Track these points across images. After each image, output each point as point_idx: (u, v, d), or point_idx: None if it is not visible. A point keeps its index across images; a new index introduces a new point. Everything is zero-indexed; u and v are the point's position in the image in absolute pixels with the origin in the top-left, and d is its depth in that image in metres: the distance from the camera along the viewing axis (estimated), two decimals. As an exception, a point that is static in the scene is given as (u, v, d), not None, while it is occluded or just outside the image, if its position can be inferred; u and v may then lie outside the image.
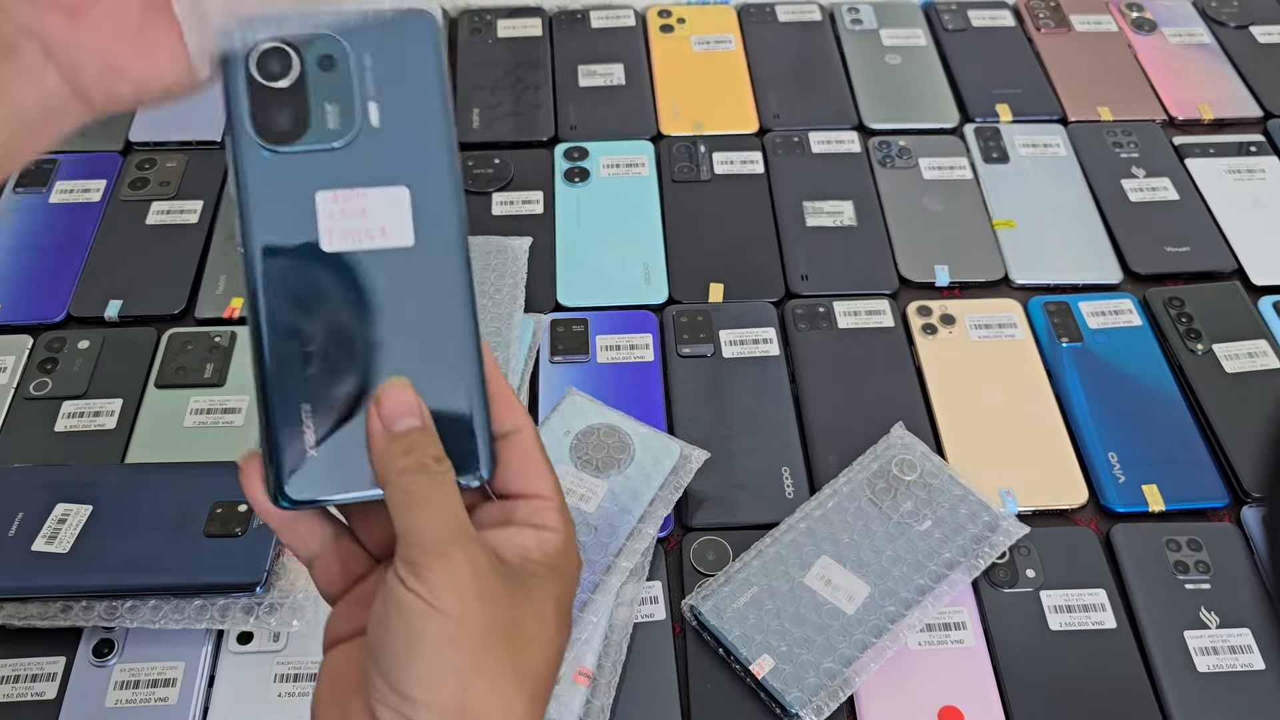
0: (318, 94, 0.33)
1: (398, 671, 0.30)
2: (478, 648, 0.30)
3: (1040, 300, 0.69)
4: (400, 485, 0.31)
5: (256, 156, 0.33)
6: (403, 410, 0.32)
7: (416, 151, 0.34)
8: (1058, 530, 0.58)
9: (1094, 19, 0.88)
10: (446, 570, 0.30)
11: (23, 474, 0.57)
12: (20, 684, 0.52)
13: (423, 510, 0.31)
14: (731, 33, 0.87)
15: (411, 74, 0.34)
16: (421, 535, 0.30)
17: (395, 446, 0.31)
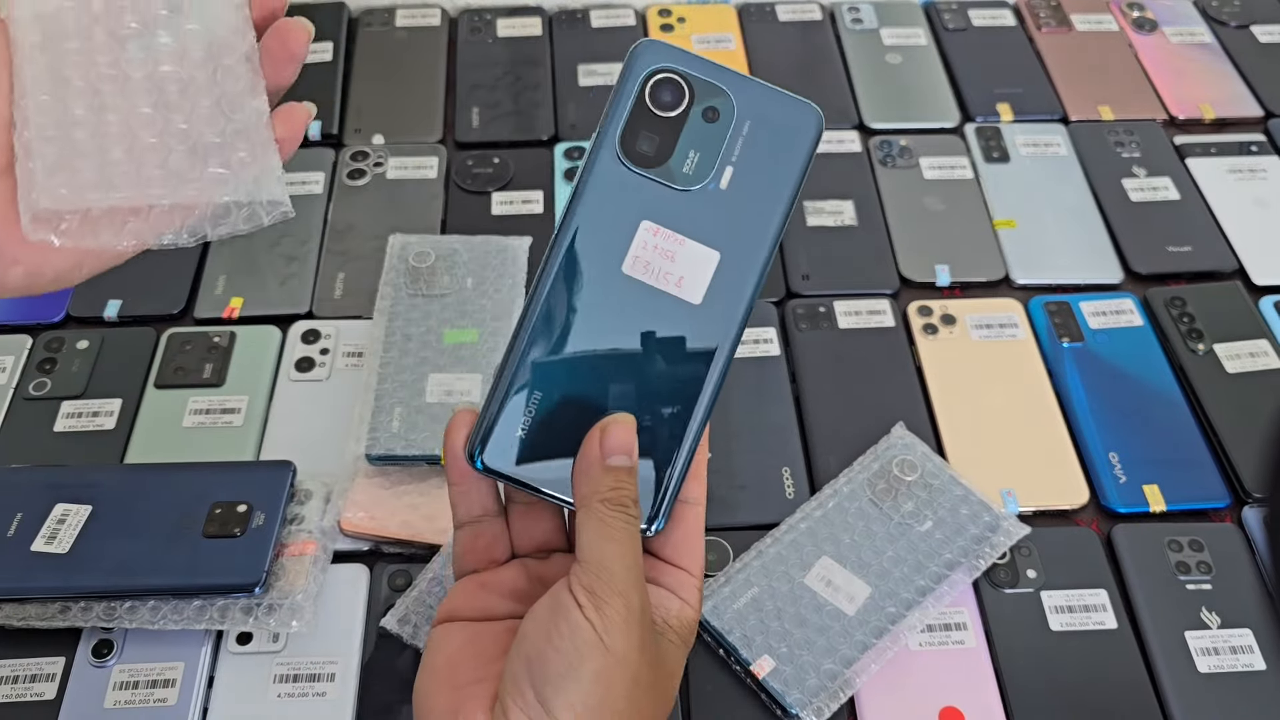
0: (689, 137, 0.35)
1: (551, 688, 0.31)
2: (626, 691, 0.32)
3: (1041, 300, 0.69)
4: (600, 515, 0.33)
5: (611, 161, 0.35)
6: (622, 448, 0.34)
7: (745, 227, 0.35)
8: (1059, 530, 0.58)
9: (1095, 18, 0.88)
10: (623, 611, 0.32)
11: (22, 474, 0.57)
12: (19, 684, 0.52)
13: (617, 550, 0.32)
14: (731, 32, 0.86)
15: (777, 157, 0.36)
16: (611, 572, 0.32)
17: (607, 478, 0.33)
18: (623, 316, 0.35)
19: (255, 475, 0.56)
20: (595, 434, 0.34)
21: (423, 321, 0.63)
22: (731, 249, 0.35)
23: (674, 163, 0.35)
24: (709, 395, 0.35)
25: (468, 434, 0.35)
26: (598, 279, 0.35)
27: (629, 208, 0.35)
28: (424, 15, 0.87)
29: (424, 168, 0.76)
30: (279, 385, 0.64)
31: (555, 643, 0.32)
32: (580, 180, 0.35)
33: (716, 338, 0.35)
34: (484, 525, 0.37)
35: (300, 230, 0.72)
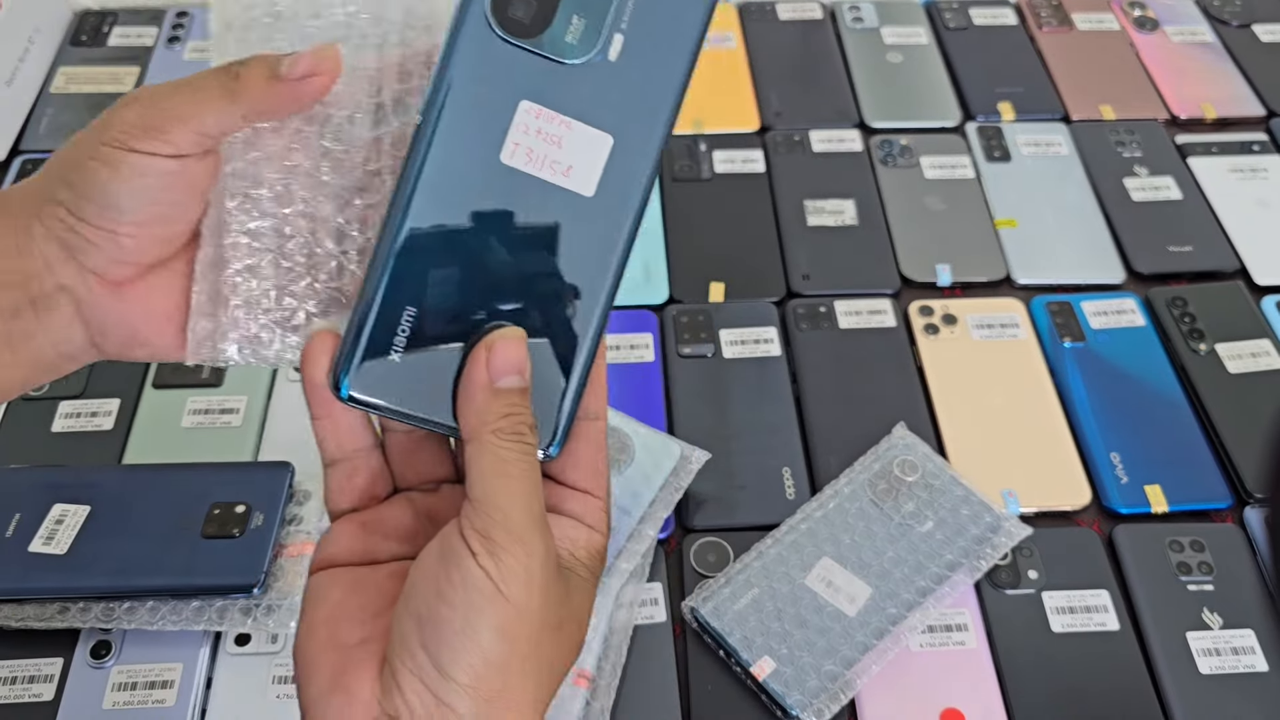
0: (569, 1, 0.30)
1: (447, 650, 0.29)
2: (531, 643, 0.29)
3: (1042, 300, 0.68)
4: (494, 449, 0.29)
5: (481, 33, 0.30)
6: (512, 366, 0.30)
7: (640, 105, 0.31)
8: (1060, 531, 0.58)
9: (1096, 17, 0.88)
10: (523, 558, 0.29)
11: (20, 474, 0.57)
12: (18, 685, 0.52)
13: (515, 487, 0.29)
14: (732, 30, 0.86)
15: (670, 21, 0.31)
16: (508, 516, 0.29)
17: (497, 403, 0.30)
18: (504, 213, 0.30)
19: (254, 476, 0.56)
20: (480, 353, 0.30)
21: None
22: (625, 132, 0.31)
23: (555, 31, 0.30)
24: (605, 298, 0.31)
25: (330, 360, 0.30)
26: (473, 171, 0.30)
27: (504, 85, 0.30)
28: (424, 14, 0.86)
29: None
30: (278, 385, 0.64)
31: (448, 597, 0.28)
32: (445, 52, 0.30)
33: (612, 234, 0.31)
34: (359, 460, 0.33)
35: (299, 230, 0.71)
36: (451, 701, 0.29)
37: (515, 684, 0.29)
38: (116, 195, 0.32)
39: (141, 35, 0.84)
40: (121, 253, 0.33)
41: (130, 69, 0.82)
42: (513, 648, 0.29)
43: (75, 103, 0.80)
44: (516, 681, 0.29)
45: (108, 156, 0.32)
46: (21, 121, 0.78)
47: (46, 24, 0.83)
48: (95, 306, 0.34)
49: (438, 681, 0.29)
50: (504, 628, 0.29)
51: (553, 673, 0.31)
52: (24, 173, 0.75)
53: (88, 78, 0.81)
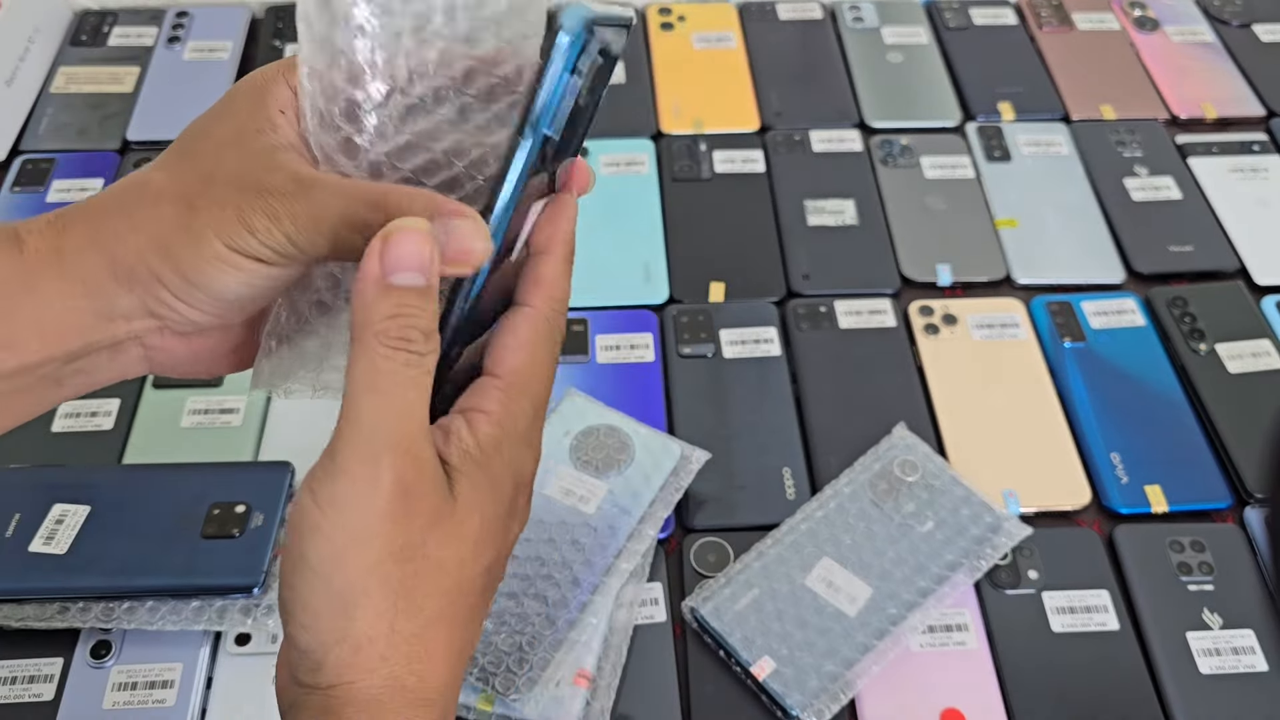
0: None
1: (286, 588, 0.27)
2: (365, 572, 0.27)
3: (1043, 300, 0.68)
4: (370, 356, 0.27)
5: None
6: (411, 262, 0.27)
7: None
8: (1060, 531, 0.58)
9: (1096, 17, 0.88)
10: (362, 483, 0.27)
11: (20, 475, 0.57)
12: (18, 685, 0.52)
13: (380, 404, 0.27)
14: (732, 30, 0.86)
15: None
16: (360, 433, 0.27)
17: (385, 302, 0.27)
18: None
19: (254, 476, 0.56)
20: (375, 244, 0.26)
21: (422, 321, 0.63)
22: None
23: None
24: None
25: None
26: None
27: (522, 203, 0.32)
28: (424, 14, 0.86)
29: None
30: (278, 385, 0.64)
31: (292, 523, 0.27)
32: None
33: None
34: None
35: (299, 229, 0.71)
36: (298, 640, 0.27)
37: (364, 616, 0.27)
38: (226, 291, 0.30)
39: (141, 35, 0.84)
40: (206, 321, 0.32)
41: (130, 69, 0.82)
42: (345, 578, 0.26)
43: (75, 103, 0.80)
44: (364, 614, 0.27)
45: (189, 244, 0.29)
46: (21, 121, 0.78)
47: (46, 24, 0.83)
48: (163, 351, 0.33)
49: (287, 620, 0.27)
50: (330, 558, 0.26)
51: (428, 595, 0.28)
52: (24, 172, 0.74)
53: (88, 77, 0.81)
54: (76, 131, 0.78)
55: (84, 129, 0.78)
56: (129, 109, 0.79)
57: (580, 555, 0.53)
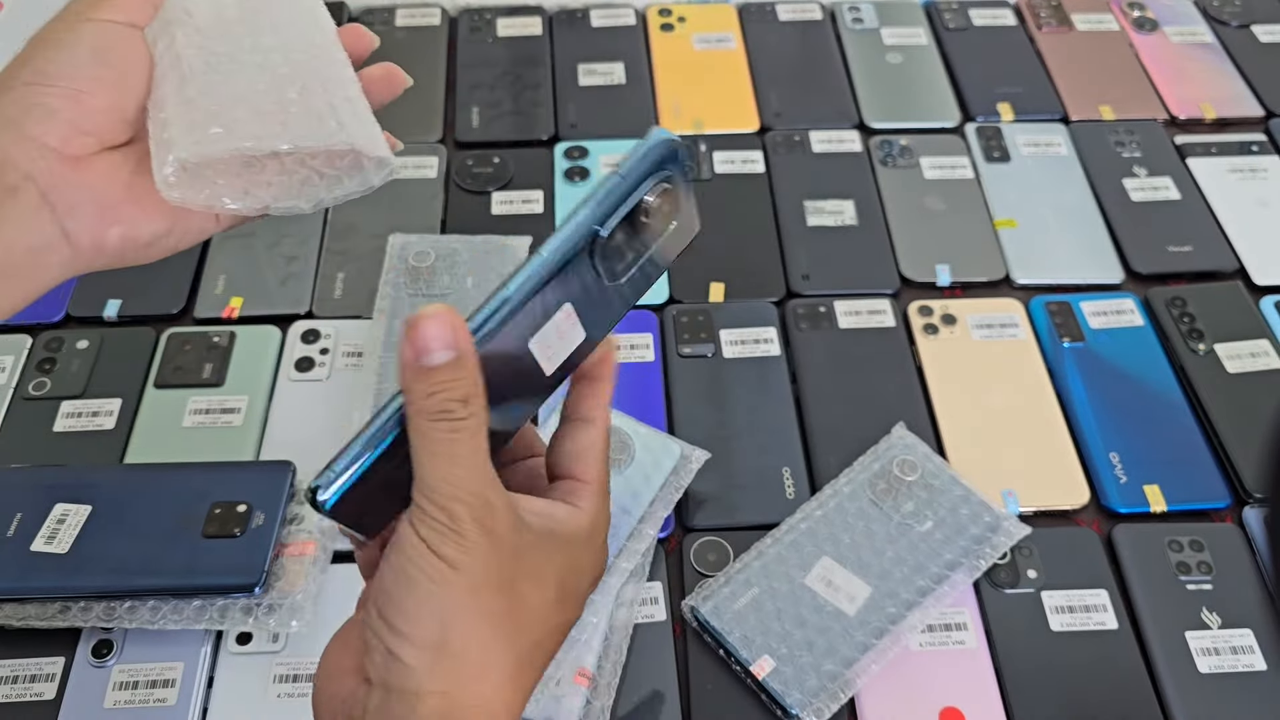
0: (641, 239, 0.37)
1: (389, 604, 0.30)
2: (466, 594, 0.30)
3: (1042, 300, 0.69)
4: (420, 430, 0.30)
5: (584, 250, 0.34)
6: (437, 343, 0.30)
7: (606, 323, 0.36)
8: (1059, 531, 0.58)
9: (1095, 18, 0.88)
10: (450, 521, 0.30)
11: (21, 474, 0.57)
12: (19, 684, 0.52)
13: (437, 461, 0.30)
14: (732, 31, 0.86)
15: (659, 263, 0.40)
16: (431, 486, 0.30)
17: (421, 383, 0.30)
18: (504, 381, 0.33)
19: (255, 475, 0.56)
20: (406, 334, 0.30)
21: (423, 321, 0.63)
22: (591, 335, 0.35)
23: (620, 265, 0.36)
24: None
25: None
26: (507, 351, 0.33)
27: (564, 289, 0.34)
28: (424, 15, 0.87)
29: (424, 167, 0.76)
30: (279, 385, 0.64)
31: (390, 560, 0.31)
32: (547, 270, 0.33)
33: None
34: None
35: (300, 230, 0.72)
36: (397, 650, 0.30)
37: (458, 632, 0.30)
38: (78, 51, 0.36)
39: (142, 36, 0.84)
40: (84, 118, 0.35)
41: (131, 69, 0.82)
42: (447, 596, 0.30)
43: (76, 103, 0.80)
44: (460, 630, 0.30)
45: (67, 26, 0.36)
46: (22, 122, 0.78)
47: (47, 24, 0.83)
48: (59, 182, 0.35)
49: (386, 633, 0.31)
50: (435, 578, 0.30)
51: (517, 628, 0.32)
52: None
53: (89, 78, 0.81)
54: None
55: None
56: (130, 109, 0.79)
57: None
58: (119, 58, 0.36)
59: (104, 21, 0.36)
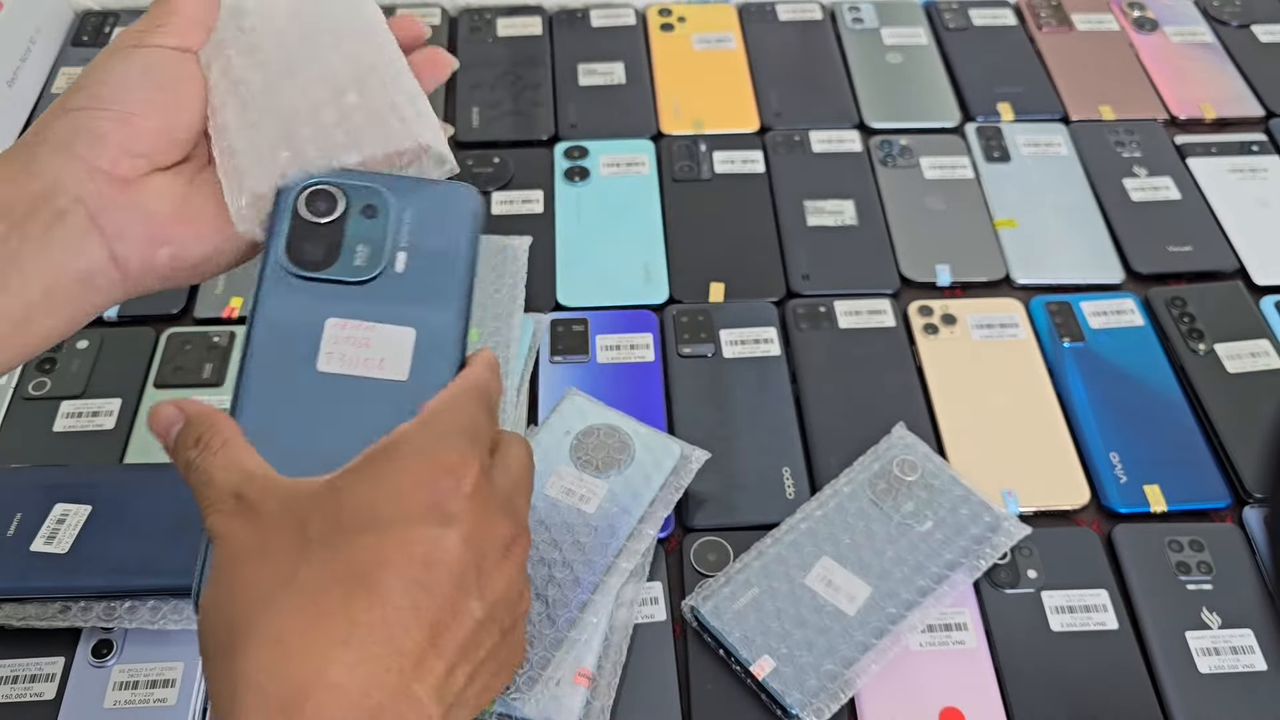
0: (353, 234, 0.37)
1: None
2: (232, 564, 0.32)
3: (1042, 300, 0.69)
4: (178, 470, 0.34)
5: (281, 277, 0.36)
6: (164, 424, 0.34)
7: (433, 301, 0.37)
8: (1059, 531, 0.58)
9: (1095, 18, 0.88)
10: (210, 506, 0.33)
11: (21, 474, 0.57)
12: (19, 684, 0.52)
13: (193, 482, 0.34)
14: (732, 31, 0.86)
15: (444, 235, 0.38)
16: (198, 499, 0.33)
17: (169, 445, 0.35)
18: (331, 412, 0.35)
19: (255, 475, 0.56)
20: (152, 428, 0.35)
21: (423, 321, 0.63)
22: (425, 321, 0.36)
23: (345, 259, 0.37)
24: None
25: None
26: (294, 385, 0.35)
27: (311, 312, 0.36)
28: (424, 15, 0.87)
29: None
30: (279, 385, 0.64)
31: None
32: (255, 301, 0.36)
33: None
34: None
35: (300, 230, 0.72)
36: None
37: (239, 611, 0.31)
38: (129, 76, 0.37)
39: (142, 36, 0.84)
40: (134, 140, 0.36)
41: (131, 69, 0.82)
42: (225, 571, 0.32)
43: (76, 103, 0.80)
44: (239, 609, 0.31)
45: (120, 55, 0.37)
46: (23, 122, 0.78)
47: (48, 24, 0.83)
48: (108, 205, 0.35)
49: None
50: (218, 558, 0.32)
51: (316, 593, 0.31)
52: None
53: (89, 78, 0.81)
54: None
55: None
56: (130, 109, 0.79)
57: (581, 554, 0.53)
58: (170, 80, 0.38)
59: (154, 47, 0.38)
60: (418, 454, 0.32)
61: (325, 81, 0.38)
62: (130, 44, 0.38)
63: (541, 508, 0.55)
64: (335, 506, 0.31)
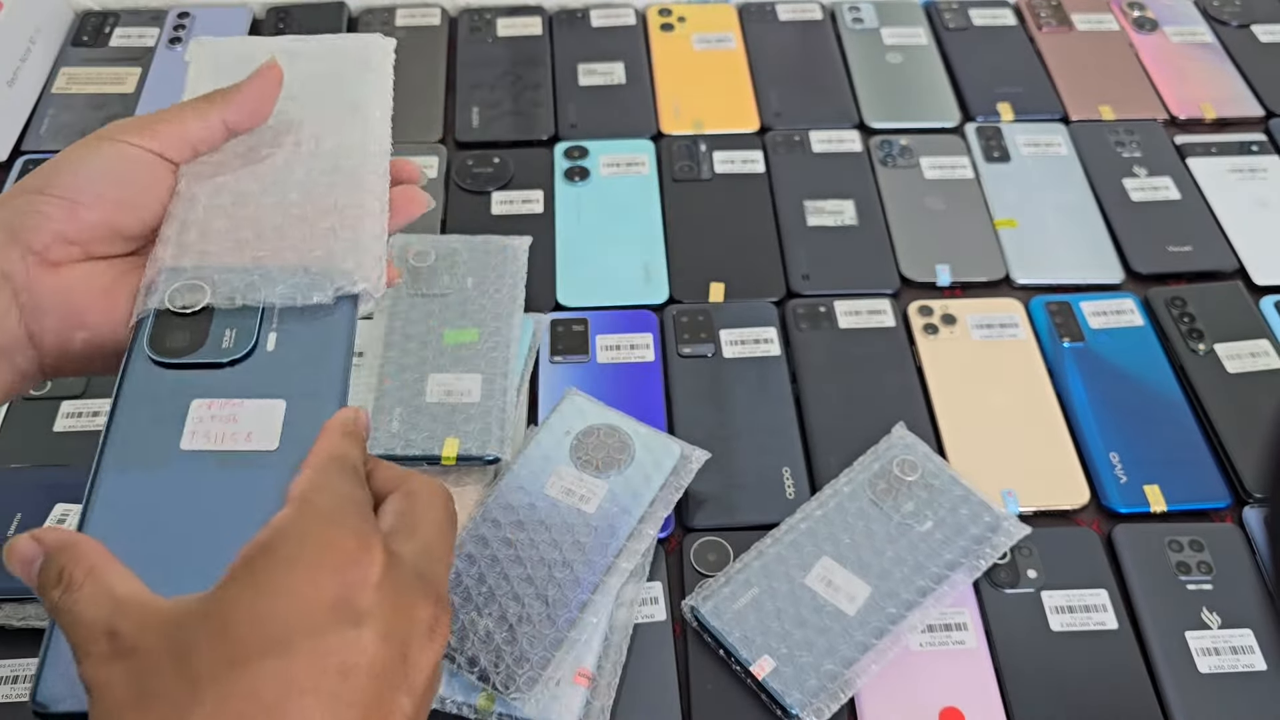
0: (219, 321, 0.36)
1: None
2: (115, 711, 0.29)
3: (1042, 300, 0.69)
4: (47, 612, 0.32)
5: (144, 363, 0.36)
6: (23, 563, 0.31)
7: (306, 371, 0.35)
8: (1059, 531, 0.58)
9: (1095, 18, 0.88)
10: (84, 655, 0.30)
11: (21, 474, 0.57)
12: (19, 684, 0.52)
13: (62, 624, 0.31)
14: (732, 31, 0.86)
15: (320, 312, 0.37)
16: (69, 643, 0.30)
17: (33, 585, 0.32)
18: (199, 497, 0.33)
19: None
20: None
21: (423, 321, 0.63)
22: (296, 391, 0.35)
23: (210, 345, 0.36)
24: None
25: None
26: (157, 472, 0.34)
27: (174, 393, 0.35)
28: (424, 15, 0.87)
29: (424, 167, 0.75)
30: (279, 385, 0.64)
31: None
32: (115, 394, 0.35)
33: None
34: None
35: (300, 230, 0.72)
36: None
37: None
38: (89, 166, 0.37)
39: (143, 36, 0.84)
40: (73, 228, 0.36)
41: (132, 69, 0.82)
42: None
43: (77, 103, 0.80)
44: None
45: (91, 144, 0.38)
46: (23, 122, 0.79)
47: (48, 24, 0.83)
48: (32, 284, 0.36)
49: None
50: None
51: None
52: (25, 173, 0.75)
53: (89, 78, 0.81)
54: (78, 132, 0.78)
55: (85, 129, 0.78)
56: (130, 109, 0.79)
57: (581, 554, 0.53)
58: (129, 179, 0.38)
59: (127, 144, 0.38)
60: (304, 546, 0.29)
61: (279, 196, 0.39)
62: (108, 136, 0.38)
63: (541, 508, 0.55)
64: (222, 629, 0.28)
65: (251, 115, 0.42)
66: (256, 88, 0.41)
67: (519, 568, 0.53)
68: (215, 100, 0.41)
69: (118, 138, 0.38)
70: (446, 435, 0.58)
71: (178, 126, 0.40)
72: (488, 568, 0.53)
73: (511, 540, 0.54)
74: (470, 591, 0.52)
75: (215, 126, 0.41)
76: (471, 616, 0.51)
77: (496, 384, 0.60)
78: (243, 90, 0.41)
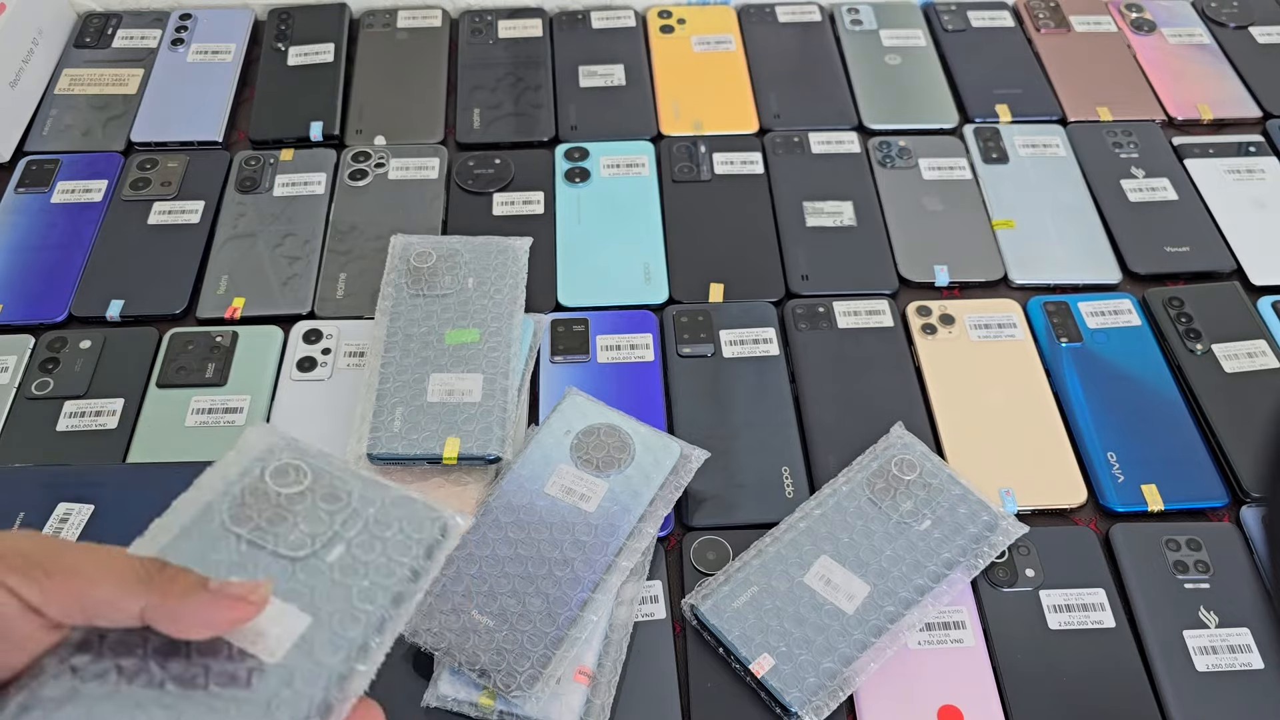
0: (303, 513, 0.36)
1: None
2: None
3: (1040, 300, 0.69)
4: None
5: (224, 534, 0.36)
6: None
7: (344, 602, 0.35)
8: (1057, 530, 0.58)
9: (1093, 19, 0.88)
10: None
11: (24, 474, 0.57)
12: None
13: None
14: (731, 33, 0.87)
15: (395, 549, 0.36)
16: None
17: None
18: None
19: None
20: None
21: (424, 321, 0.63)
22: (327, 618, 0.34)
23: (284, 534, 0.36)
24: None
25: None
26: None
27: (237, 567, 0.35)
28: (425, 16, 0.87)
29: (425, 168, 0.76)
30: (281, 385, 0.64)
31: None
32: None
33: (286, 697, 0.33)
34: None
35: (302, 230, 0.72)
36: None
37: None
38: None
39: (145, 37, 0.85)
40: None
41: (134, 71, 0.82)
42: None
43: (79, 104, 0.80)
44: None
45: None
46: (26, 123, 0.79)
47: (50, 26, 0.84)
48: None
49: None
50: None
51: None
52: (28, 173, 0.75)
53: (92, 79, 0.82)
54: (80, 133, 0.78)
55: (88, 130, 0.79)
56: (133, 110, 0.79)
57: (581, 553, 0.53)
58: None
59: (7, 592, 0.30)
60: None
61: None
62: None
63: (542, 507, 0.55)
64: None
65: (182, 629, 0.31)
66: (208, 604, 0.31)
67: (520, 566, 0.53)
68: (154, 580, 0.31)
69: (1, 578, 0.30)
70: (448, 435, 0.58)
71: (81, 585, 0.30)
72: (489, 566, 0.53)
73: (512, 539, 0.54)
74: (471, 590, 0.52)
75: (126, 610, 0.31)
76: (472, 615, 0.51)
77: (497, 384, 0.60)
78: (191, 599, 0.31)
